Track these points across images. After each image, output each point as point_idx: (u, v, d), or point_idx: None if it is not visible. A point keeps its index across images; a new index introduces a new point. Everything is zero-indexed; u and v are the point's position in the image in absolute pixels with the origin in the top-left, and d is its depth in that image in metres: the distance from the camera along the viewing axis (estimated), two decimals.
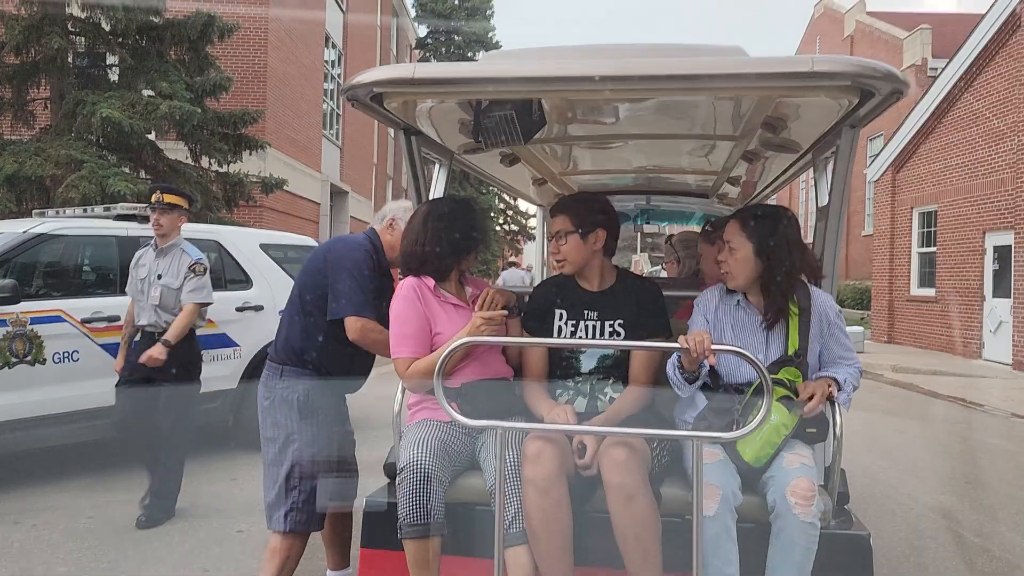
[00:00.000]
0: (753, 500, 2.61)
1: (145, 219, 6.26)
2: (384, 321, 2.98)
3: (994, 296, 14.66)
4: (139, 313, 5.06)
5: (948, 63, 16.11)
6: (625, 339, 2.90)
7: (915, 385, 11.96)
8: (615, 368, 2.91)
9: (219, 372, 6.36)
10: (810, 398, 2.64)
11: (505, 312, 2.85)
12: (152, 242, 5.15)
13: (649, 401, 2.92)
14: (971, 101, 15.41)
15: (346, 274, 3.06)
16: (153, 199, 4.99)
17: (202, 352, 5.79)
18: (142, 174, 11.76)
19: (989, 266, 14.82)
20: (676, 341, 2.50)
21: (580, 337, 2.94)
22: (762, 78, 2.24)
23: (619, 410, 2.82)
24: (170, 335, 4.81)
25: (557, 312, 2.99)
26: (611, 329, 2.92)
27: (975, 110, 15.26)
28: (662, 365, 2.90)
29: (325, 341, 3.14)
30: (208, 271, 5.09)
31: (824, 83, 2.22)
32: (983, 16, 14.78)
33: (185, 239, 5.19)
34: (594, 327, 2.93)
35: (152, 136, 11.99)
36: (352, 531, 3.51)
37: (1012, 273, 13.79)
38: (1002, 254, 14.37)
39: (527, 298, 3.16)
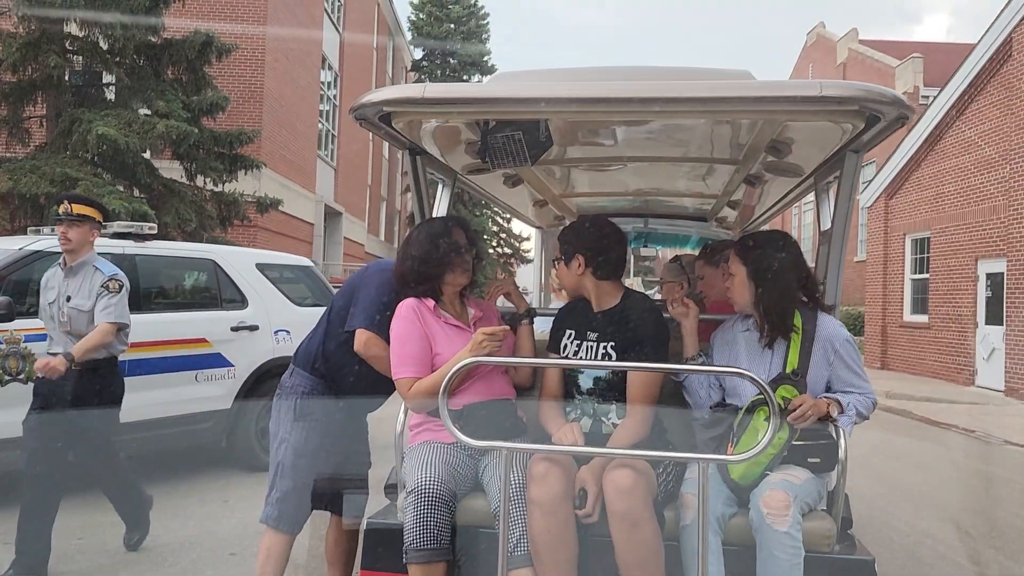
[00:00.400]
0: (745, 521, 2.60)
1: (142, 237, 6.25)
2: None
3: (987, 323, 14.71)
4: (50, 341, 4.50)
5: (940, 91, 16.28)
6: (616, 360, 2.89)
7: (909, 412, 11.96)
8: (610, 389, 2.90)
9: (212, 392, 6.32)
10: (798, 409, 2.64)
11: (507, 328, 2.84)
12: (60, 260, 4.49)
13: (649, 429, 2.87)
14: (963, 129, 15.56)
15: (369, 291, 3.12)
16: (61, 210, 4.33)
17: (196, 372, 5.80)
18: (137, 193, 11.74)
19: (982, 293, 14.89)
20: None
21: (581, 357, 2.95)
22: (772, 101, 2.26)
23: (618, 440, 2.78)
24: (75, 350, 4.20)
25: (567, 332, 3.03)
26: (603, 351, 2.91)
27: (967, 138, 15.41)
28: (661, 388, 2.91)
29: (336, 351, 3.20)
30: (125, 289, 4.41)
31: (832, 107, 2.24)
32: (975, 45, 14.96)
33: (99, 254, 4.55)
34: (591, 347, 2.94)
35: (147, 155, 12.00)
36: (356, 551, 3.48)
37: (1005, 300, 13.86)
38: (995, 281, 14.44)
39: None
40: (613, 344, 2.89)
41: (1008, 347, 13.62)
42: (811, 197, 3.49)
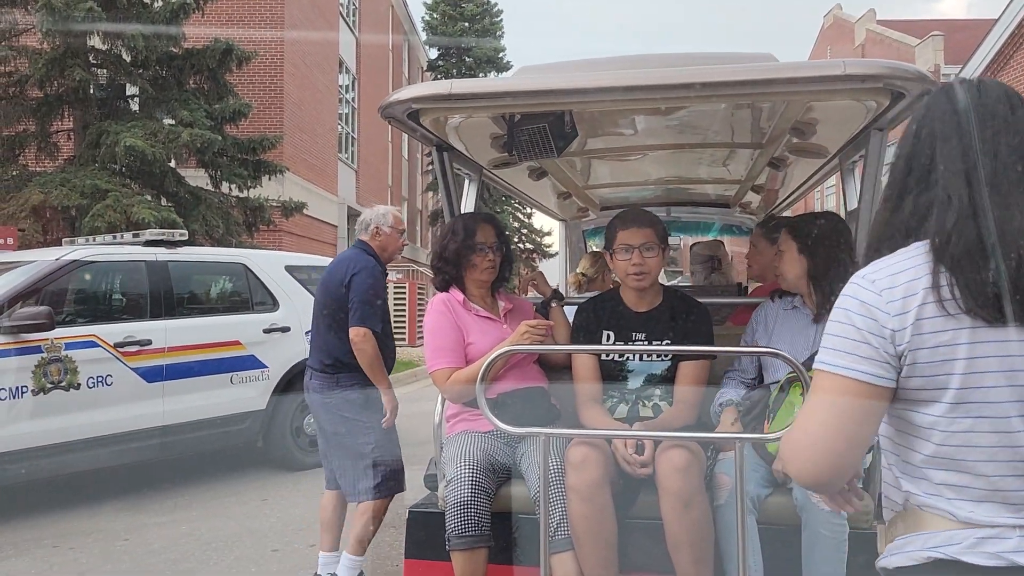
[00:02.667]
0: (789, 500, 2.62)
1: (174, 244, 6.38)
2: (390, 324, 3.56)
3: None
4: None
5: (961, 69, 16.08)
6: (672, 360, 2.88)
7: None
8: (662, 385, 2.92)
9: (247, 394, 6.43)
10: None
11: (550, 323, 2.91)
12: None
13: (696, 416, 2.91)
14: None
15: (361, 291, 3.68)
16: None
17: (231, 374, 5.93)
18: (164, 201, 11.92)
19: None
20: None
21: (627, 359, 2.91)
22: (796, 83, 2.28)
23: (667, 422, 2.80)
24: None
25: (604, 334, 2.95)
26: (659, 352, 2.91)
27: None
28: (708, 382, 2.93)
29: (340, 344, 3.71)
30: None
31: (856, 85, 2.26)
32: (995, 21, 14.76)
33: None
34: (642, 351, 2.91)
35: (173, 164, 12.17)
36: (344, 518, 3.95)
37: None
38: None
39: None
40: (668, 342, 2.86)
41: None
42: (832, 181, 3.50)
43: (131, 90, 12.58)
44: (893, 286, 1.29)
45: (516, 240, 36.66)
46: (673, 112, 2.99)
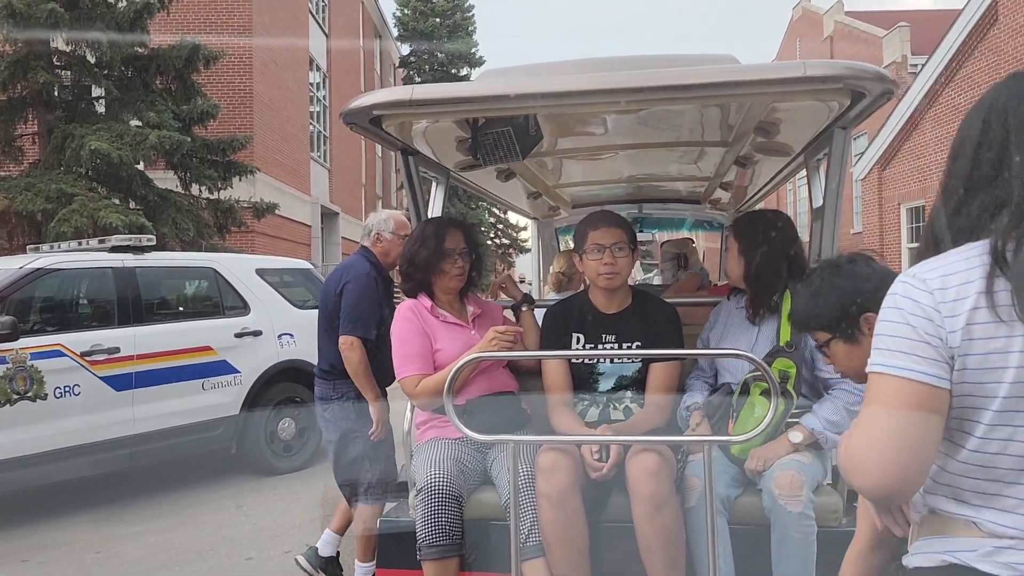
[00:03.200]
0: (758, 501, 2.63)
1: (141, 249, 6.29)
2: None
3: None
4: None
5: (928, 59, 16.26)
6: (643, 362, 2.89)
7: None
8: (633, 387, 2.92)
9: (220, 399, 6.36)
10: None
11: (520, 329, 2.89)
12: None
13: (668, 418, 2.91)
14: (953, 96, 15.55)
15: (351, 299, 3.68)
16: None
17: (202, 380, 5.87)
18: (133, 205, 11.76)
19: None
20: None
21: (598, 362, 2.91)
22: (757, 84, 2.28)
23: (637, 424, 2.79)
24: None
25: (575, 336, 2.94)
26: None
27: (957, 104, 15.40)
28: (678, 383, 2.94)
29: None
30: None
31: (817, 87, 2.26)
32: (961, 11, 14.94)
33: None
34: (612, 350, 2.91)
35: (141, 166, 12.01)
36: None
37: None
38: None
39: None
40: (639, 344, 2.87)
41: None
42: (805, 173, 3.51)
43: (96, 92, 12.39)
44: (945, 287, 1.24)
45: (492, 236, 36.65)
46: (641, 112, 2.99)
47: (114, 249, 6.22)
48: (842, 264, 1.90)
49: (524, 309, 3.22)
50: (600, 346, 2.91)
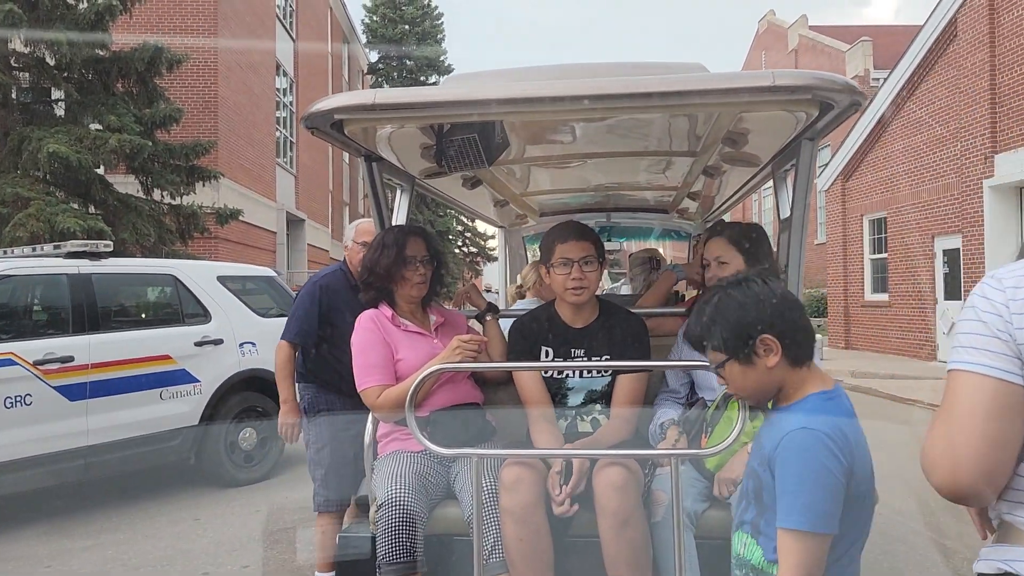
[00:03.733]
0: (726, 515, 2.60)
1: (97, 255, 6.13)
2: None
3: (945, 299, 14.99)
4: None
5: (890, 73, 16.53)
6: (612, 375, 2.85)
7: (874, 389, 12.15)
8: (602, 401, 2.87)
9: (178, 409, 6.21)
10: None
11: (484, 339, 2.84)
12: None
13: (634, 431, 2.87)
14: (914, 109, 15.82)
15: (293, 306, 3.88)
16: None
17: (160, 390, 5.71)
18: (92, 209, 11.51)
19: (940, 269, 15.16)
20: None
21: (567, 376, 2.86)
22: (726, 93, 2.25)
23: (604, 437, 2.75)
24: None
25: (543, 350, 2.89)
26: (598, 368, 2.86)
27: (918, 118, 15.67)
28: (646, 396, 2.90)
29: (313, 353, 3.80)
30: None
31: (786, 97, 2.24)
32: (922, 27, 15.21)
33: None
34: (580, 367, 2.86)
35: (101, 171, 11.78)
36: None
37: (962, 275, 14.13)
38: (951, 257, 14.72)
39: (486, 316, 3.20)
40: (608, 356, 2.82)
41: None
42: (773, 184, 3.50)
43: (56, 94, 12.13)
44: (1019, 286, 1.27)
45: (460, 244, 36.57)
46: (609, 120, 2.95)
47: (70, 255, 6.05)
48: (741, 284, 1.85)
49: (489, 318, 3.17)
50: (569, 361, 2.86)
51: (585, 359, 2.84)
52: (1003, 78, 12.89)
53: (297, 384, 3.85)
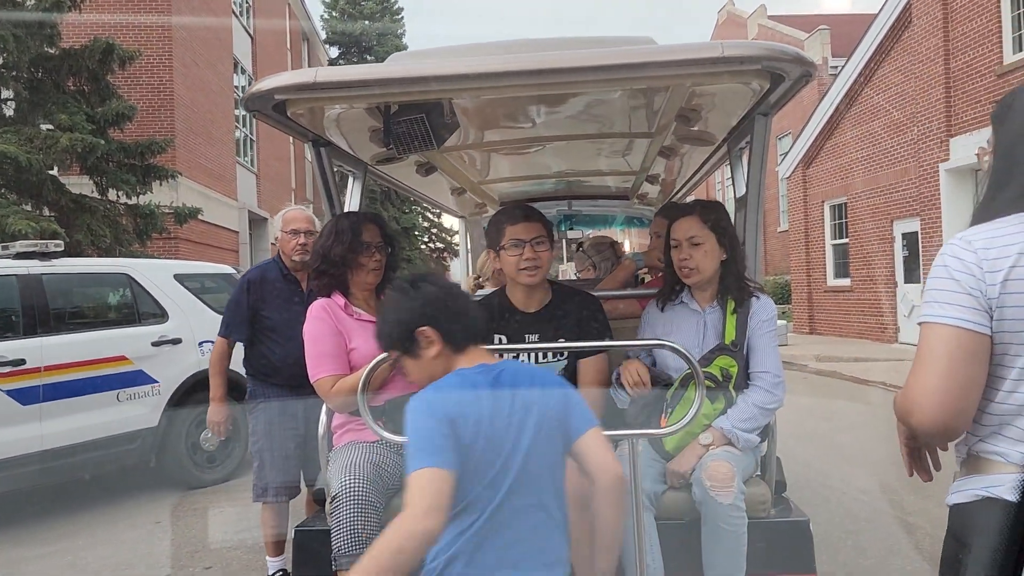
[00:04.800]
0: (686, 496, 2.58)
1: (48, 255, 5.97)
2: (288, 323, 3.58)
3: (906, 282, 15.21)
4: None
5: (847, 61, 16.72)
6: (568, 358, 2.81)
7: (839, 372, 12.30)
8: None
9: (137, 411, 6.08)
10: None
11: None
12: None
13: (602, 413, 2.83)
14: (871, 96, 16.01)
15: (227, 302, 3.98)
16: None
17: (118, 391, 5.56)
18: (45, 211, 11.23)
19: (899, 253, 15.38)
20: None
21: (523, 362, 2.81)
22: (675, 65, 2.22)
23: None
24: None
25: (496, 338, 2.83)
26: (555, 351, 2.82)
27: (875, 104, 15.87)
28: (608, 378, 2.86)
29: (247, 347, 3.90)
30: None
31: (735, 68, 2.21)
32: (876, 14, 15.40)
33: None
34: (536, 351, 2.82)
35: (54, 171, 11.50)
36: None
37: (921, 258, 14.35)
38: (910, 240, 14.94)
39: None
40: (563, 340, 2.79)
41: None
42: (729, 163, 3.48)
43: (4, 94, 11.81)
44: (988, 247, 1.43)
45: (426, 240, 36.42)
46: (563, 102, 2.90)
47: (19, 255, 5.89)
48: (405, 285, 2.10)
49: None
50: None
51: (541, 342, 2.80)
52: (956, 62, 13.08)
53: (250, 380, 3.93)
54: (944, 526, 1.57)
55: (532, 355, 2.82)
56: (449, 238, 37.09)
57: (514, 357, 2.81)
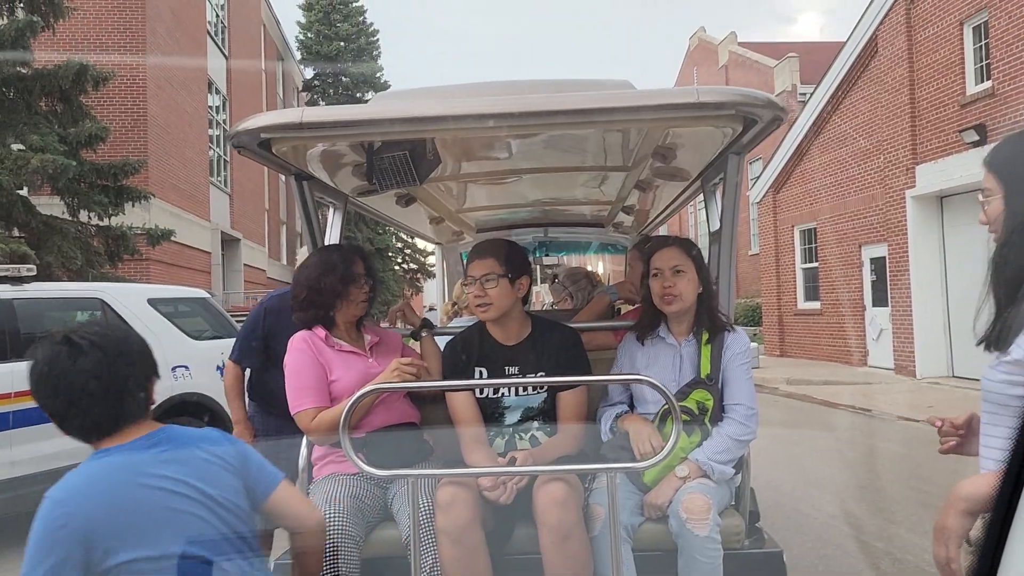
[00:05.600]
0: (663, 528, 2.62)
1: (19, 280, 5.91)
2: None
3: (874, 305, 15.48)
4: None
5: (816, 88, 17.07)
6: (548, 392, 2.84)
7: (809, 396, 12.44)
8: (539, 418, 2.87)
9: None
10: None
11: (423, 364, 2.85)
12: None
13: (580, 446, 2.86)
14: (839, 123, 16.35)
15: (245, 324, 3.86)
16: None
17: None
18: (15, 233, 11.10)
19: (867, 277, 15.65)
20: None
21: (503, 395, 2.84)
22: (652, 110, 2.29)
23: (549, 451, 2.74)
24: None
25: (477, 371, 2.86)
26: (535, 384, 2.83)
27: (843, 132, 16.20)
28: (589, 410, 2.91)
29: (255, 373, 3.89)
30: None
31: (710, 113, 2.29)
32: (844, 43, 15.76)
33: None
34: (515, 385, 2.84)
35: (24, 192, 11.38)
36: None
37: (888, 283, 14.62)
38: (878, 265, 15.22)
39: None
40: (543, 373, 2.81)
41: (894, 327, 14.36)
42: (703, 197, 3.56)
43: None
44: None
45: (400, 261, 36.35)
46: (541, 136, 2.97)
47: None
48: (61, 348, 1.79)
49: (424, 335, 3.16)
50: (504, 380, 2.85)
51: (520, 376, 2.82)
52: (921, 92, 13.42)
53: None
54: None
55: (512, 388, 2.85)
56: (423, 259, 37.06)
57: (494, 391, 2.84)
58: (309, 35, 33.80)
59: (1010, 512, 0.82)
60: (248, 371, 3.89)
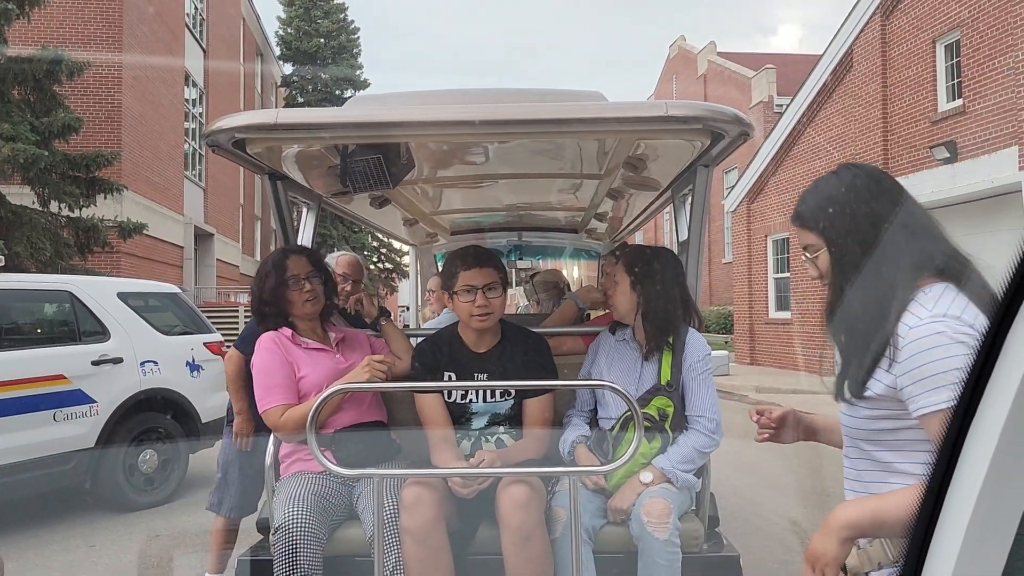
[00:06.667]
0: (624, 531, 2.67)
1: None
2: None
3: None
4: None
5: (792, 100, 17.29)
6: (516, 398, 2.87)
7: (778, 404, 12.54)
8: (506, 423, 2.90)
9: (74, 431, 5.95)
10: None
11: (392, 361, 2.89)
12: None
13: (545, 450, 2.90)
14: (813, 136, 16.57)
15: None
16: None
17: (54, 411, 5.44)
18: None
19: None
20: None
21: (471, 401, 2.87)
22: (621, 122, 2.34)
23: (514, 454, 2.77)
24: None
25: (447, 375, 2.88)
26: (502, 391, 2.87)
27: (817, 144, 16.42)
28: (554, 415, 2.95)
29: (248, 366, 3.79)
30: None
31: (678, 126, 2.34)
32: (820, 57, 15.98)
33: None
34: (485, 389, 2.87)
35: None
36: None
37: None
38: None
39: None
40: (511, 380, 2.83)
41: None
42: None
43: None
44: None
45: (375, 260, 36.20)
46: (515, 143, 3.01)
47: None
48: None
49: (384, 322, 3.27)
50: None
51: (490, 382, 2.85)
52: (894, 108, 13.64)
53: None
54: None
55: (480, 394, 2.88)
56: (398, 259, 36.94)
57: (462, 396, 2.87)
58: (289, 30, 33.58)
59: (929, 532, 0.85)
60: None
